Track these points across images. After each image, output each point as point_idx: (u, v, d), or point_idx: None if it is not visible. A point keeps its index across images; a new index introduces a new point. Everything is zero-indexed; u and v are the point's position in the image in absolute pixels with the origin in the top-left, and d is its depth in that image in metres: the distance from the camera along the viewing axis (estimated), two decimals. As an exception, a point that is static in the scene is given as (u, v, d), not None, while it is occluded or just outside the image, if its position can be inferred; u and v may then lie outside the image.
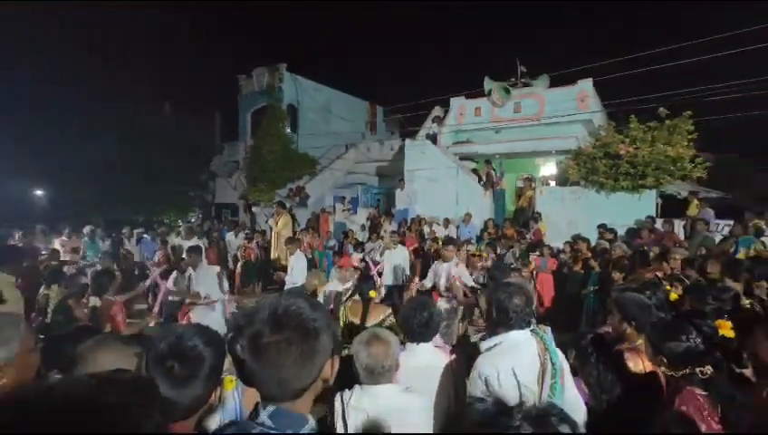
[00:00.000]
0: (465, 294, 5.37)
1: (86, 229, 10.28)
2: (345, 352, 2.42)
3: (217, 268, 5.97)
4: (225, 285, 5.72)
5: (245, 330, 0.94)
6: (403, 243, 8.58)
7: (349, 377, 1.90)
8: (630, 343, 2.29)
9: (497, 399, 0.74)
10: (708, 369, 1.74)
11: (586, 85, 11.92)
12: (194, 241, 9.57)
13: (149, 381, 1.00)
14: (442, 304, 5.39)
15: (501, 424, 0.68)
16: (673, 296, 2.93)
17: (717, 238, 7.85)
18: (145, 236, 11.44)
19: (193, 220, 17.49)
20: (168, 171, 17.45)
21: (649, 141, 9.47)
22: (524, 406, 0.71)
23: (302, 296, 1.01)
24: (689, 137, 9.40)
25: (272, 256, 10.84)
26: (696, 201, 9.34)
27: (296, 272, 6.51)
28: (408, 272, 7.59)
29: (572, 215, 10.16)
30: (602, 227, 8.81)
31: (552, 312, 7.08)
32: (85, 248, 9.61)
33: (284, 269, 7.37)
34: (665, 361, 1.84)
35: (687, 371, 1.76)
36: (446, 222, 11.23)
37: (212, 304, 5.34)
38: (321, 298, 4.40)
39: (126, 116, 17.25)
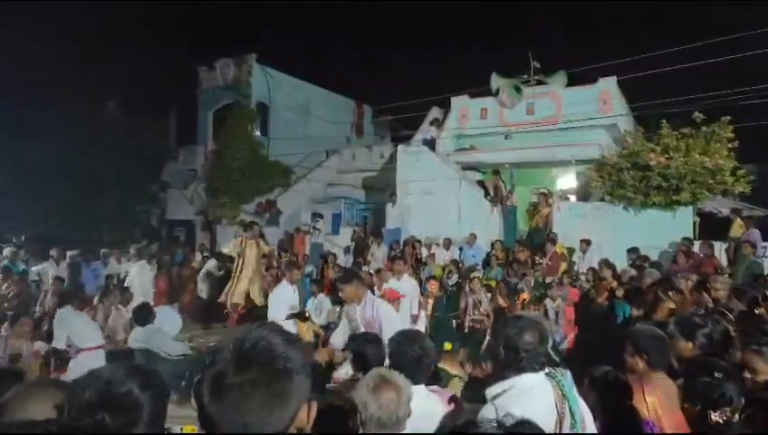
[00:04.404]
0: None
1: (6, 251, 10.10)
2: None
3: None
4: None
5: (207, 369, 0.96)
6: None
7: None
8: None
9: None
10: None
11: (609, 84, 12.23)
12: (140, 265, 9.50)
13: None
14: None
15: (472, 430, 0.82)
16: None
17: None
18: (79, 259, 11.25)
19: (143, 242, 17.28)
20: (110, 181, 17.28)
21: (684, 150, 9.73)
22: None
23: (277, 330, 1.04)
24: (729, 145, 9.68)
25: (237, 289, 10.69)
26: (739, 220, 9.56)
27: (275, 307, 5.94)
28: (416, 310, 6.97)
29: (595, 236, 10.30)
30: (633, 251, 8.94)
31: (572, 351, 7.10)
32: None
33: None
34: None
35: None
36: (448, 243, 11.29)
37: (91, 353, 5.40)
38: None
39: (60, 115, 17.14)
